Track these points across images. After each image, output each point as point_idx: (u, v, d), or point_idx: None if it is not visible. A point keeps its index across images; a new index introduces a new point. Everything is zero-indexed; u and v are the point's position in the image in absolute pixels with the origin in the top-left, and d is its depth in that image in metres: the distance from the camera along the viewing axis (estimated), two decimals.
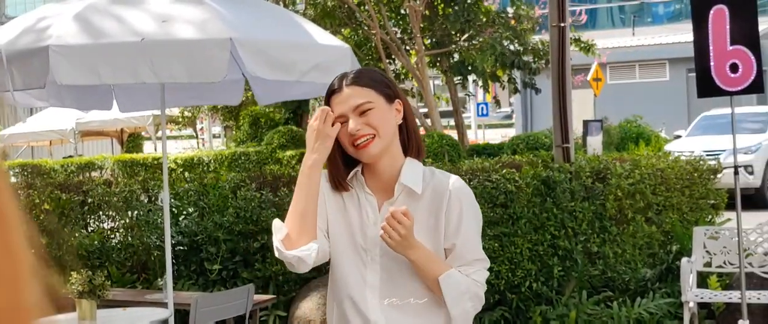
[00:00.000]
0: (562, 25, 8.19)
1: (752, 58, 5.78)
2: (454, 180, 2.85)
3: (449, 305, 2.74)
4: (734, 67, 5.84)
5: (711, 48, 5.82)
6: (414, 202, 2.76)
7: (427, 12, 20.02)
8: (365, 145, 2.74)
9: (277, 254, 2.73)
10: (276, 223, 2.75)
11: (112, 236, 9.04)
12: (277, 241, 2.71)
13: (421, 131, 20.06)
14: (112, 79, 5.16)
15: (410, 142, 2.85)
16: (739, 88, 5.82)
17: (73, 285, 5.78)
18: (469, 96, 23.99)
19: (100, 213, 9.00)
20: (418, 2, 18.76)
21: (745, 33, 5.82)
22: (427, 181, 2.83)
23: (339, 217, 2.82)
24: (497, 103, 24.97)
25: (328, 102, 2.79)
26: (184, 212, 8.78)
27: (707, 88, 5.96)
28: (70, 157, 24.60)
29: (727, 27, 5.79)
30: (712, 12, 5.80)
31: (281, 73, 5.44)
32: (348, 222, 2.81)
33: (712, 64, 5.83)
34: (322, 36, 5.99)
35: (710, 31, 5.80)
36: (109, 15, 5.33)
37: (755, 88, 5.83)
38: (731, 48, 5.82)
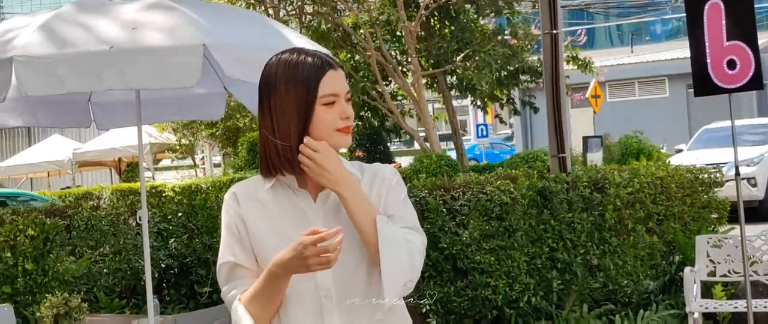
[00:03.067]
0: (555, 32, 8.01)
1: (750, 53, 5.57)
2: (384, 165, 2.77)
3: (383, 251, 2.52)
4: (732, 64, 5.63)
5: (707, 45, 5.62)
6: None
7: (422, 33, 19.86)
8: (348, 130, 2.61)
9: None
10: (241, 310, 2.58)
11: (100, 261, 8.82)
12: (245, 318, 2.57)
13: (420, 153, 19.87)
14: (79, 87, 4.95)
15: None
16: (738, 85, 5.61)
17: (49, 308, 5.56)
18: (475, 108, 23.69)
19: (87, 237, 8.77)
20: (413, 23, 18.60)
21: (741, 28, 5.62)
22: (360, 169, 2.70)
23: (268, 236, 2.61)
24: (501, 121, 24.73)
25: (319, 77, 2.57)
26: (173, 235, 8.57)
27: (704, 86, 5.75)
28: (68, 187, 24.45)
29: (723, 22, 5.59)
30: (706, 7, 5.60)
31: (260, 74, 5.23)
32: (281, 233, 2.59)
33: (708, 61, 5.62)
34: (299, 40, 5.79)
35: (705, 28, 5.60)
36: (76, 24, 5.14)
37: (754, 84, 5.62)
38: (728, 44, 5.61)
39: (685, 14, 6.02)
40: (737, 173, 6.66)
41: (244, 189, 2.66)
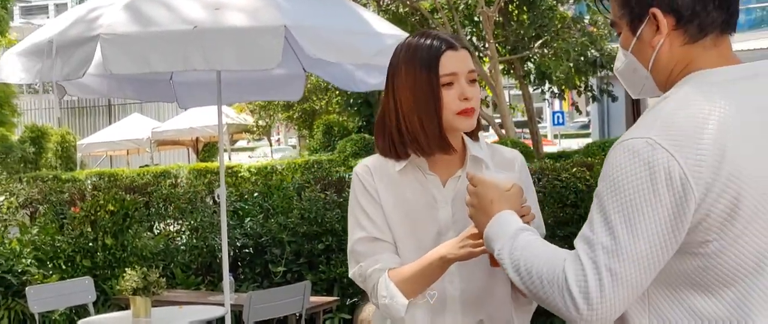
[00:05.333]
0: None
1: None
2: (511, 149, 2.73)
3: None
4: None
5: None
6: (481, 173, 2.54)
7: (500, 18, 19.77)
8: (471, 113, 2.54)
9: (388, 304, 2.55)
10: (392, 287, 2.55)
11: (177, 238, 8.98)
12: (398, 296, 2.54)
13: (495, 139, 19.80)
14: (163, 66, 5.03)
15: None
16: None
17: (127, 282, 5.68)
18: (551, 97, 23.55)
19: (165, 215, 8.94)
20: (491, 8, 18.52)
21: None
22: (487, 152, 2.66)
23: (395, 214, 2.60)
24: (578, 109, 24.53)
25: (437, 56, 2.53)
26: (249, 215, 8.68)
27: None
28: (146, 166, 24.86)
29: None
30: None
31: (344, 55, 5.28)
32: (409, 213, 2.59)
33: None
34: (380, 24, 5.82)
35: None
36: (160, 4, 5.22)
37: None
38: None
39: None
40: None
41: (377, 163, 2.64)
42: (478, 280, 2.59)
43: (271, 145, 30.91)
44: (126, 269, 5.90)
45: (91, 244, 8.20)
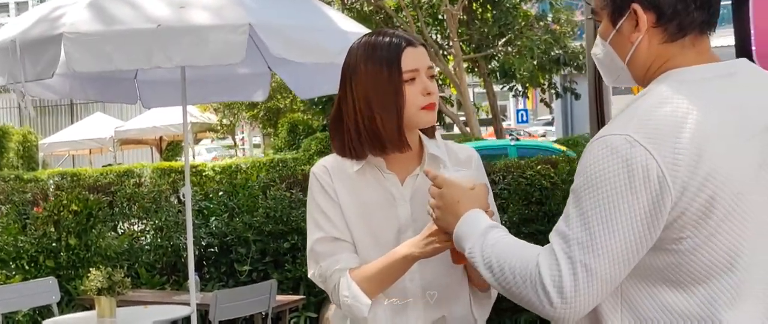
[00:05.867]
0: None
1: None
2: (467, 147, 2.76)
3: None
4: None
5: (752, 32, 5.56)
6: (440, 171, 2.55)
7: (464, 16, 19.82)
8: (433, 108, 2.57)
9: (350, 304, 2.55)
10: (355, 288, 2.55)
11: (142, 237, 8.93)
12: (361, 296, 2.54)
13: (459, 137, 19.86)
14: (127, 64, 5.01)
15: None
16: None
17: (91, 282, 5.65)
18: (516, 95, 23.62)
19: (129, 214, 8.88)
20: (455, 7, 18.56)
21: None
22: (444, 150, 2.68)
23: (353, 214, 2.60)
24: (547, 105, 24.62)
25: (398, 53, 2.55)
26: (214, 214, 8.65)
27: None
28: (109, 165, 24.68)
29: None
30: None
31: (308, 55, 5.27)
32: (367, 213, 2.60)
33: (754, 49, 5.57)
34: (345, 22, 5.82)
35: (751, 15, 5.54)
36: (123, 2, 5.19)
37: None
38: None
39: (730, 1, 5.96)
40: None
41: (335, 163, 2.64)
42: (439, 276, 2.60)
43: (235, 145, 30.80)
44: (90, 269, 5.86)
45: (54, 244, 8.14)
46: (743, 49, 5.74)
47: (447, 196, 2.27)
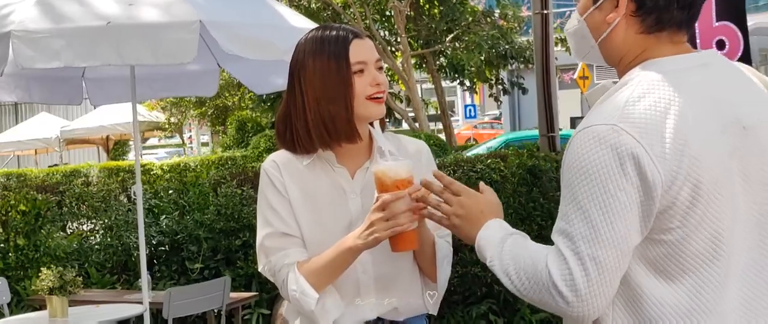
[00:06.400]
0: (545, 12, 8.06)
1: (739, 33, 5.63)
2: (416, 140, 2.79)
3: (440, 267, 2.65)
4: (721, 44, 5.68)
5: (696, 25, 5.64)
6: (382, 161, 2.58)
7: (412, 13, 19.86)
8: (382, 99, 2.59)
9: (298, 298, 2.56)
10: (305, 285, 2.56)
11: (91, 237, 8.87)
12: (308, 289, 2.55)
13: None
14: (75, 61, 4.96)
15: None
16: None
17: (43, 282, 5.60)
18: (464, 90, 23.69)
19: (78, 214, 8.82)
20: (403, 3, 18.60)
21: (731, 8, 5.67)
22: (393, 142, 2.70)
23: (304, 209, 2.62)
24: (497, 100, 24.71)
25: (346, 46, 2.58)
26: (164, 212, 8.61)
27: None
28: (56, 165, 24.41)
29: (713, 2, 5.63)
30: None
31: (259, 51, 5.26)
32: (318, 208, 2.62)
33: (698, 41, 5.67)
34: (294, 18, 5.83)
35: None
36: (72, 0, 5.15)
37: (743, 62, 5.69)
38: (717, 24, 5.66)
39: None
40: None
41: (284, 158, 2.65)
42: (390, 266, 2.63)
43: (183, 144, 30.58)
44: (41, 269, 5.82)
45: (2, 245, 8.06)
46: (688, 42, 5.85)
47: (468, 205, 2.25)
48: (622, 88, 1.95)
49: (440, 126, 23.45)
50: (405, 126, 21.16)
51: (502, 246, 2.08)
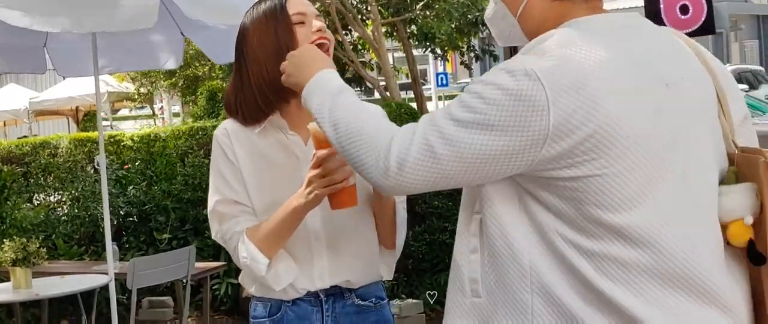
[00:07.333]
0: None
1: None
2: (371, 105, 2.74)
3: (398, 232, 2.67)
4: (684, 9, 5.69)
5: None
6: None
7: None
8: (327, 49, 2.57)
9: (249, 264, 2.57)
10: (252, 249, 2.56)
11: (59, 208, 8.81)
12: (258, 255, 2.55)
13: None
14: (34, 26, 4.88)
15: None
16: (690, 30, 5.67)
17: (5, 253, 5.56)
18: (435, 58, 23.69)
19: (45, 185, 8.76)
20: None
21: None
22: None
23: (256, 176, 2.61)
24: (468, 67, 24.71)
25: (282, 5, 2.58)
26: (132, 183, 8.56)
27: None
28: (25, 137, 24.22)
29: None
30: None
31: (223, 16, 5.21)
32: (272, 175, 2.61)
33: (661, 6, 5.67)
34: None
35: None
36: None
37: (705, 29, 5.69)
38: None
39: None
40: None
41: (236, 126, 2.65)
42: (342, 232, 2.63)
43: (154, 114, 30.41)
44: (4, 240, 5.77)
45: None
46: (652, 6, 5.85)
47: (300, 54, 2.31)
48: (547, 39, 1.93)
49: (412, 94, 23.41)
50: (376, 95, 21.12)
51: (335, 97, 2.07)
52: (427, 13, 19.68)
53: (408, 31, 21.29)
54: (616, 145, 1.83)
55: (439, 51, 21.74)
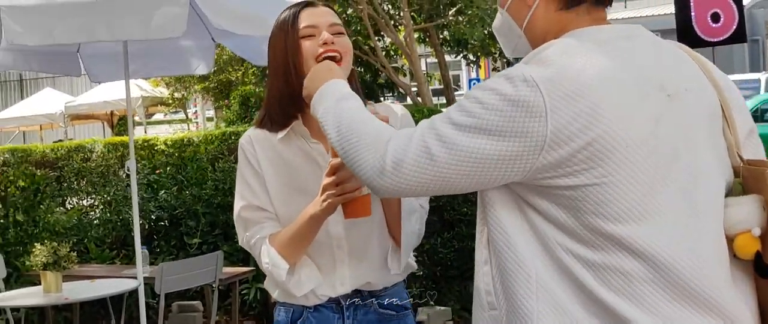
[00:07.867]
0: None
1: (734, 6, 5.60)
2: (395, 105, 2.81)
3: (403, 221, 2.66)
4: (716, 17, 5.66)
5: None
6: None
7: None
8: (339, 61, 2.59)
9: (271, 270, 2.61)
10: (273, 254, 2.60)
11: (91, 212, 8.89)
12: (279, 261, 2.59)
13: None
14: (67, 38, 4.97)
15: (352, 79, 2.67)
16: (721, 38, 5.65)
17: (37, 257, 5.62)
18: (468, 64, 23.71)
19: (78, 189, 8.83)
20: None
21: None
22: (371, 109, 2.68)
23: (279, 183, 2.65)
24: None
25: (296, 15, 2.62)
26: (163, 187, 8.62)
27: (688, 39, 5.77)
28: (60, 141, 24.44)
29: None
30: None
31: (248, 26, 5.26)
32: (294, 182, 2.65)
33: (693, 14, 5.65)
34: None
35: None
36: None
37: (737, 38, 5.66)
38: None
39: None
40: None
41: (260, 133, 2.69)
42: (363, 239, 2.65)
43: (187, 119, 30.56)
44: (36, 244, 5.83)
45: (1, 220, 8.07)
46: (683, 14, 5.83)
47: (317, 68, 2.41)
48: (548, 48, 1.94)
49: (444, 100, 23.39)
50: (409, 101, 21.12)
51: (340, 103, 2.12)
52: (460, 18, 19.67)
53: (440, 36, 21.29)
54: (616, 154, 1.83)
55: (471, 57, 21.71)
